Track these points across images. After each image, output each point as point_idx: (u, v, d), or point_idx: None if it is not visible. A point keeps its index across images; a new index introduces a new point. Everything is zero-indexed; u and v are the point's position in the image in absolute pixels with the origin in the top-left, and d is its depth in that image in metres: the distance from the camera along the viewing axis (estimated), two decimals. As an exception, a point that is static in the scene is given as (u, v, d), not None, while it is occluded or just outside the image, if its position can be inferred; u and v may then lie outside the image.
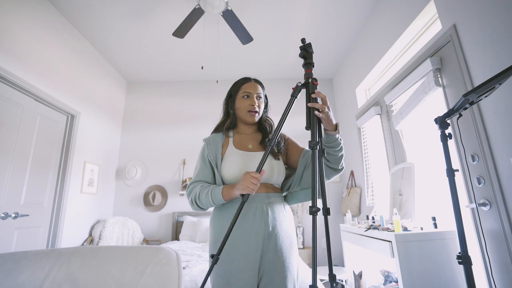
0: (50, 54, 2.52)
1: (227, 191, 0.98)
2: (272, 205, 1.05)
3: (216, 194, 0.98)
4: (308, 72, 0.99)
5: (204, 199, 1.00)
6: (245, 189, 0.91)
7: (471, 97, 1.02)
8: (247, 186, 0.91)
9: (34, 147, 2.37)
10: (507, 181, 1.35)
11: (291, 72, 3.91)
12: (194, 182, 1.09)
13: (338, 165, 1.04)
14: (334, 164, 1.03)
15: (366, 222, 2.35)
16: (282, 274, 0.98)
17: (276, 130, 0.97)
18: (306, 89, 0.98)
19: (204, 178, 1.09)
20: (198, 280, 1.67)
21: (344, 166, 1.08)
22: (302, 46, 0.99)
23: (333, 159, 1.02)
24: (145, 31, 2.93)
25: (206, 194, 1.00)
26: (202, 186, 1.04)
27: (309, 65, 0.99)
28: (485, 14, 1.46)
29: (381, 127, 2.65)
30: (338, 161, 1.03)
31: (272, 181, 1.09)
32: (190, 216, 3.51)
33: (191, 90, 4.08)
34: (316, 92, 0.94)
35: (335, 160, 1.03)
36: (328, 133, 1.00)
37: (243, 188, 0.92)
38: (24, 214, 2.21)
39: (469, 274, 1.04)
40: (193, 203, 1.05)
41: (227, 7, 2.20)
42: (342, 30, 2.97)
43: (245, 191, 0.91)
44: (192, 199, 1.04)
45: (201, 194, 1.01)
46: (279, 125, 0.97)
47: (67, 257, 0.89)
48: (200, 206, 1.04)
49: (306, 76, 0.99)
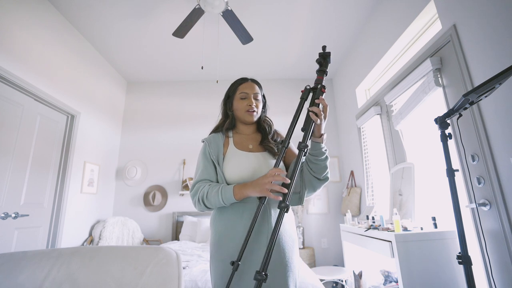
0: (50, 54, 2.52)
1: (239, 191, 0.95)
2: (274, 204, 1.05)
3: (228, 194, 0.96)
4: (319, 78, 1.00)
5: (214, 198, 0.98)
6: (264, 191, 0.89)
7: (471, 97, 1.02)
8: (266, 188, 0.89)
9: (34, 147, 2.37)
10: (507, 181, 1.35)
11: (291, 72, 3.91)
12: (199, 181, 1.06)
13: (321, 175, 1.03)
14: (317, 174, 1.03)
15: (366, 222, 2.35)
16: (284, 274, 0.98)
17: (288, 133, 0.98)
18: (313, 93, 1.00)
19: (208, 176, 1.07)
20: (198, 280, 1.67)
21: (329, 176, 1.07)
22: (321, 53, 1.01)
23: (316, 168, 1.02)
24: (145, 31, 2.93)
25: (216, 193, 0.97)
26: (210, 185, 1.01)
27: (322, 72, 1.00)
28: (485, 14, 1.46)
29: (381, 127, 2.65)
30: (322, 171, 1.03)
31: None
32: (190, 216, 3.51)
33: (191, 90, 4.08)
34: (321, 98, 0.96)
35: (318, 169, 1.02)
36: (313, 140, 1.01)
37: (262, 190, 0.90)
38: (24, 214, 2.21)
39: (469, 274, 1.04)
40: (200, 203, 1.02)
41: (227, 7, 2.20)
42: (342, 30, 2.97)
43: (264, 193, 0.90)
44: (199, 199, 1.01)
45: (210, 193, 0.99)
46: (291, 127, 0.97)
47: (67, 257, 0.89)
48: (207, 206, 1.02)
49: (316, 81, 1.00)
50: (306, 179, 1.05)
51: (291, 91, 4.00)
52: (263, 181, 0.91)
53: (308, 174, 1.05)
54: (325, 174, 1.04)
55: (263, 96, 1.23)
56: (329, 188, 3.65)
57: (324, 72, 1.00)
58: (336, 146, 3.81)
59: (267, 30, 2.94)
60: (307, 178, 1.05)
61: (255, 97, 1.16)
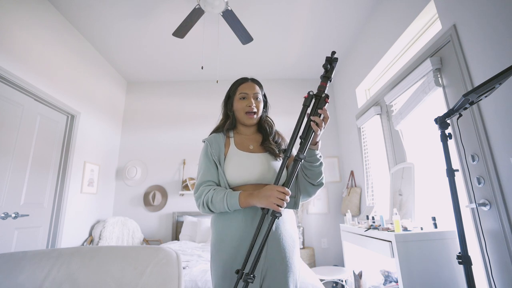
0: (50, 54, 2.52)
1: (245, 200, 0.95)
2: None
3: (233, 201, 0.95)
4: (323, 85, 0.98)
5: (218, 204, 0.97)
6: (271, 205, 0.88)
7: (471, 97, 1.02)
8: (273, 203, 0.88)
9: (34, 147, 2.37)
10: (507, 181, 1.35)
11: (291, 72, 3.91)
12: (202, 183, 1.05)
13: (316, 180, 1.04)
14: (311, 180, 1.04)
15: (366, 222, 2.35)
16: (285, 275, 0.97)
17: (291, 142, 0.96)
18: (315, 100, 0.98)
19: (211, 177, 1.06)
20: (198, 280, 1.67)
21: (324, 182, 1.08)
22: (329, 57, 0.99)
23: (311, 174, 1.03)
24: (145, 31, 2.93)
25: (221, 200, 0.96)
26: (215, 190, 1.00)
27: (326, 78, 0.99)
28: (485, 14, 1.46)
29: (381, 127, 2.65)
30: (316, 177, 1.03)
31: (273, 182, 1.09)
32: (190, 216, 3.51)
33: (191, 90, 4.08)
34: (324, 109, 0.95)
35: (313, 175, 1.03)
36: (309, 147, 1.00)
37: (268, 203, 0.89)
38: (24, 214, 2.21)
39: (469, 274, 1.04)
40: (204, 207, 1.01)
41: (227, 7, 2.20)
42: (342, 30, 2.97)
43: (270, 206, 0.89)
44: (203, 203, 1.01)
45: (215, 199, 0.98)
46: (293, 136, 0.96)
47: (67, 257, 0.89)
48: (211, 210, 1.01)
49: (320, 88, 0.99)
50: (301, 185, 1.06)
51: (291, 91, 4.00)
52: (271, 194, 0.90)
53: (302, 180, 1.05)
54: (319, 180, 1.05)
55: (264, 95, 1.22)
56: (329, 188, 3.65)
57: (328, 79, 0.99)
58: (336, 146, 3.81)
59: (267, 30, 2.94)
60: (302, 184, 1.06)
61: (255, 97, 1.15)
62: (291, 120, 3.91)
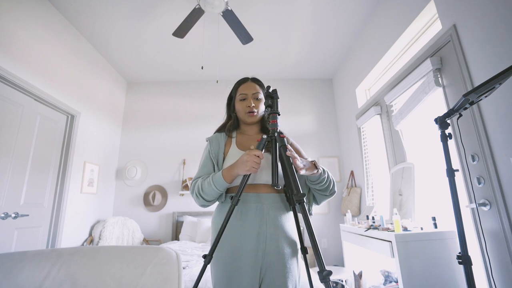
0: (50, 54, 2.52)
1: (228, 173, 0.98)
2: (274, 205, 1.05)
3: (217, 178, 0.98)
4: (274, 123, 0.99)
5: (207, 188, 1.00)
6: (250, 169, 0.92)
7: (471, 97, 1.02)
8: (251, 167, 0.92)
9: (34, 147, 2.37)
10: (507, 181, 1.35)
11: (291, 72, 3.91)
12: (196, 178, 1.09)
13: (328, 192, 1.08)
14: (323, 192, 1.08)
15: (366, 222, 2.35)
16: (284, 275, 0.97)
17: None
18: (272, 142, 0.98)
19: (206, 174, 1.09)
20: (198, 280, 1.67)
21: (336, 190, 1.11)
22: (268, 93, 1.00)
23: (322, 188, 1.06)
24: (145, 31, 2.93)
25: (208, 183, 1.00)
26: (202, 178, 1.05)
27: (274, 115, 0.99)
28: (485, 14, 1.46)
29: (381, 127, 2.65)
30: (327, 189, 1.07)
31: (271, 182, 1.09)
32: (190, 216, 3.51)
33: (191, 90, 4.08)
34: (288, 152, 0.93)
35: (324, 189, 1.07)
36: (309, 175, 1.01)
37: (247, 169, 0.92)
38: (24, 214, 2.21)
39: (469, 274, 1.04)
40: (198, 197, 1.04)
41: (227, 7, 2.20)
42: (342, 30, 2.97)
43: (250, 171, 0.92)
44: (196, 193, 1.04)
45: (204, 185, 1.01)
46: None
47: (67, 257, 0.89)
48: (204, 198, 1.03)
49: (272, 127, 0.99)
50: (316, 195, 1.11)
51: (291, 91, 4.01)
52: (247, 159, 0.93)
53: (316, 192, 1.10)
54: (331, 190, 1.08)
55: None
56: (329, 188, 3.65)
57: (276, 113, 1.00)
58: (336, 146, 3.81)
59: (267, 30, 2.94)
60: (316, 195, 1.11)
61: (254, 97, 1.16)
62: (291, 120, 3.92)
